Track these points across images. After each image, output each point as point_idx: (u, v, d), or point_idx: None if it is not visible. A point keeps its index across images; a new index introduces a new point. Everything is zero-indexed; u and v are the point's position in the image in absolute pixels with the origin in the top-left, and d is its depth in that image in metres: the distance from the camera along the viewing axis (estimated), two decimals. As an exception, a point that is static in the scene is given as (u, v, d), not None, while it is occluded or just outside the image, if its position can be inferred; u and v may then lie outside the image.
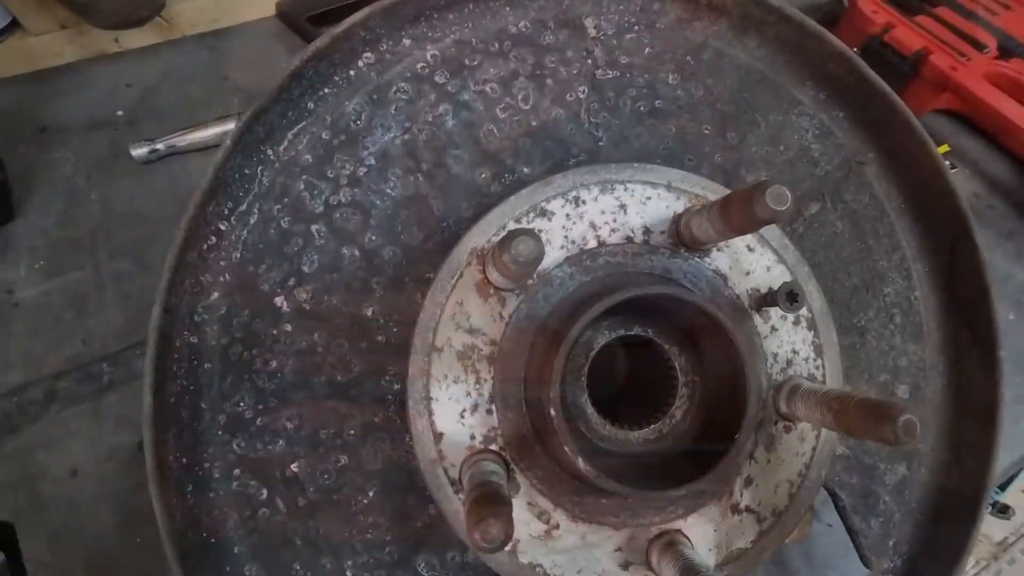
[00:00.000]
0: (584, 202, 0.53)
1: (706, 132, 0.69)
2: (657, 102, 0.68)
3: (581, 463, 0.46)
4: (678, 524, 0.53)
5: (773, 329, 0.55)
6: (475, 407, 0.51)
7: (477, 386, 0.51)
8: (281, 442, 0.61)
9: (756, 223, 0.43)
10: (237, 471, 0.60)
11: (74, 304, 0.97)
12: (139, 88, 1.22)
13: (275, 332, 0.61)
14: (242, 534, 0.59)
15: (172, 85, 1.21)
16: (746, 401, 0.48)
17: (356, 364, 0.62)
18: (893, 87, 1.38)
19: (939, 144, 1.33)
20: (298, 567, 0.60)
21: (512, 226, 0.52)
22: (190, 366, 0.59)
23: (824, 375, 0.56)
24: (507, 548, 0.51)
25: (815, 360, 0.55)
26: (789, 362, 0.55)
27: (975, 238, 0.66)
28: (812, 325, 0.56)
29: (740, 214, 0.44)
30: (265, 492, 0.60)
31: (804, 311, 0.55)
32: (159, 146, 1.11)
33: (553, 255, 0.53)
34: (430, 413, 0.50)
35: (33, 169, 1.11)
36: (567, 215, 0.53)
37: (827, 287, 0.70)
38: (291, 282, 0.62)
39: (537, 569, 0.51)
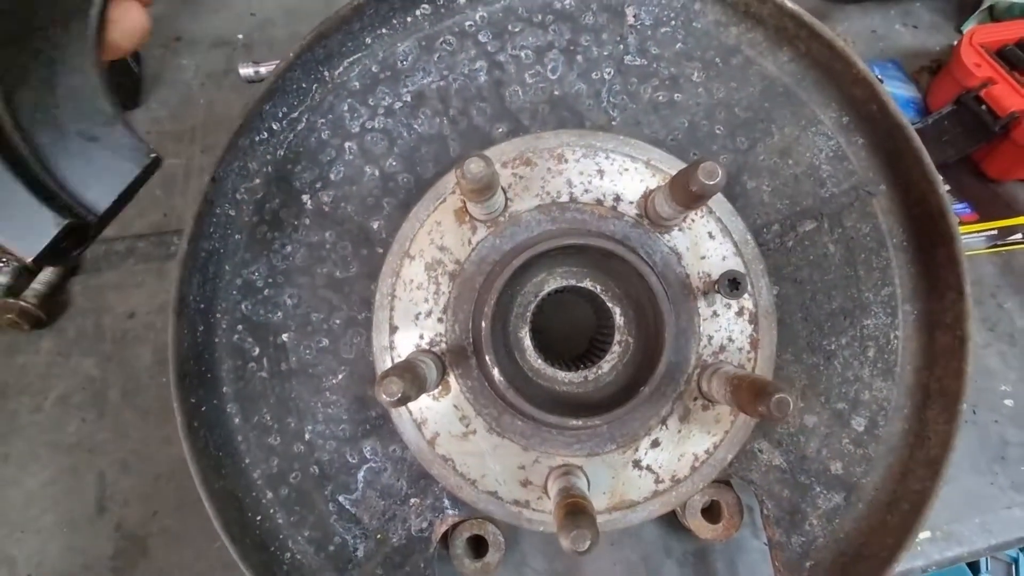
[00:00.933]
0: (566, 160, 0.59)
1: (717, 132, 0.72)
2: (676, 95, 0.72)
3: (496, 373, 0.53)
4: (580, 461, 0.58)
5: (715, 314, 0.58)
6: (429, 313, 0.59)
7: (435, 296, 0.59)
8: (280, 314, 0.72)
9: (692, 198, 0.48)
10: (240, 327, 0.72)
11: (165, 184, 1.16)
12: (260, 18, 1.39)
13: (296, 223, 0.72)
14: (232, 378, 0.71)
15: (287, 20, 1.38)
16: (659, 359, 0.52)
17: (354, 266, 0.72)
18: (979, 146, 1.31)
19: (1018, 215, 1.24)
20: (268, 418, 0.71)
21: (498, 168, 0.59)
22: (224, 232, 0.71)
23: (754, 369, 0.58)
24: (427, 437, 0.59)
25: (748, 352, 0.58)
26: (722, 348, 0.58)
27: (966, 289, 0.65)
28: (754, 320, 0.58)
29: (680, 189, 0.49)
30: (257, 350, 0.71)
31: (748, 304, 0.58)
32: (262, 69, 1.28)
33: (528, 201, 0.59)
34: (391, 308, 0.59)
35: (161, 69, 1.31)
36: (548, 168, 0.59)
37: (804, 304, 0.71)
38: (318, 185, 0.73)
39: (448, 462, 0.58)
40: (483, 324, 0.53)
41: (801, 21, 0.66)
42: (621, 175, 0.59)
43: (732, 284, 0.55)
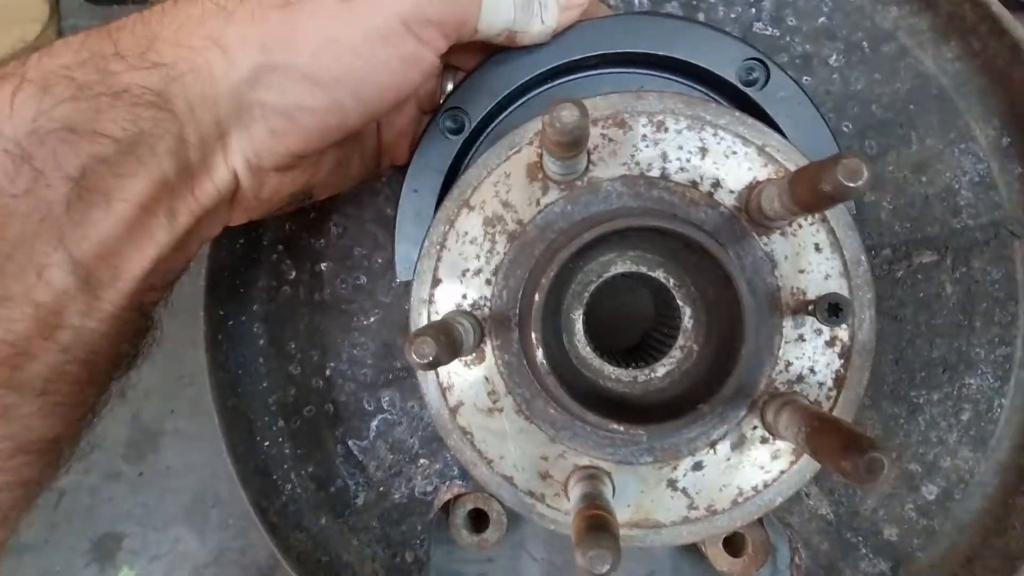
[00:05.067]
0: (667, 130, 0.51)
1: (844, 129, 0.62)
2: (805, 78, 0.62)
3: (540, 355, 0.47)
4: (609, 467, 0.52)
5: (800, 339, 0.50)
6: (479, 272, 0.53)
7: (489, 255, 0.53)
8: (322, 240, 0.68)
9: (821, 198, 0.39)
10: (281, 247, 0.68)
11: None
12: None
13: (355, 147, 0.67)
14: (264, 298, 0.68)
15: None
16: (728, 378, 0.45)
17: (407, 205, 0.67)
18: None
19: None
20: (292, 347, 0.68)
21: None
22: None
23: (832, 410, 0.50)
24: (450, 404, 0.54)
25: (830, 390, 0.50)
26: (800, 378, 0.50)
27: (1110, 368, 0.54)
28: (846, 354, 0.50)
29: (807, 186, 0.40)
30: (294, 274, 0.68)
31: (843, 335, 0.50)
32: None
33: (612, 169, 0.52)
34: (438, 258, 0.53)
35: None
36: (643, 135, 0.51)
37: (899, 345, 0.62)
38: (385, 111, 0.67)
39: (467, 435, 0.54)
40: (536, 297, 0.46)
41: (986, 11, 0.55)
42: (727, 158, 0.50)
43: (832, 309, 0.47)
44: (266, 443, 0.67)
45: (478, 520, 0.71)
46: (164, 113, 0.41)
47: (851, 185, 0.36)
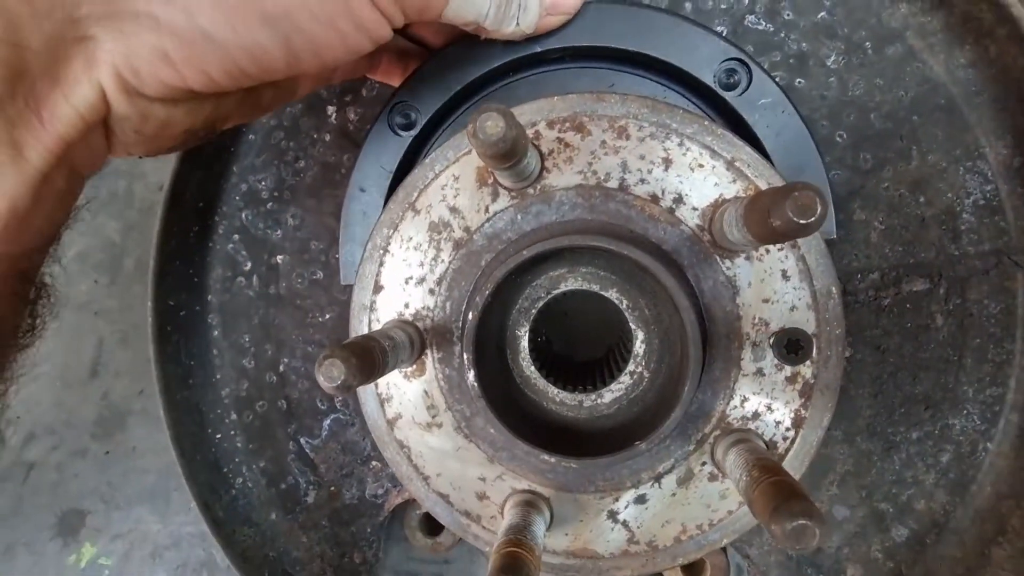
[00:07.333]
0: (628, 136, 0.47)
1: (838, 139, 0.56)
2: (798, 80, 0.56)
3: (471, 377, 0.44)
4: (548, 492, 0.50)
5: (759, 372, 0.46)
6: (422, 280, 0.50)
7: (433, 263, 0.50)
8: (279, 232, 0.66)
9: (770, 233, 0.35)
10: (236, 236, 0.66)
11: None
12: None
13: (315, 136, 0.64)
14: (219, 288, 0.66)
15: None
16: (670, 413, 0.42)
17: (367, 200, 0.64)
18: None
19: None
20: (247, 339, 0.67)
21: (542, 127, 0.47)
22: (236, 129, 0.64)
23: (788, 452, 0.47)
24: (387, 416, 0.52)
25: (787, 430, 0.47)
26: (756, 415, 0.47)
27: (1109, 421, 0.49)
28: (807, 393, 0.46)
29: (757, 217, 0.36)
30: (249, 265, 0.66)
31: (807, 373, 0.46)
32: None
33: (567, 177, 0.48)
34: (380, 263, 0.51)
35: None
36: (603, 141, 0.47)
37: (879, 378, 0.57)
38: (347, 98, 0.63)
39: (404, 449, 0.52)
40: (470, 315, 0.43)
41: (1005, 12, 0.48)
42: (692, 171, 0.46)
43: (791, 347, 0.43)
44: (218, 436, 0.67)
45: (432, 522, 0.70)
46: None
47: (801, 222, 0.32)
